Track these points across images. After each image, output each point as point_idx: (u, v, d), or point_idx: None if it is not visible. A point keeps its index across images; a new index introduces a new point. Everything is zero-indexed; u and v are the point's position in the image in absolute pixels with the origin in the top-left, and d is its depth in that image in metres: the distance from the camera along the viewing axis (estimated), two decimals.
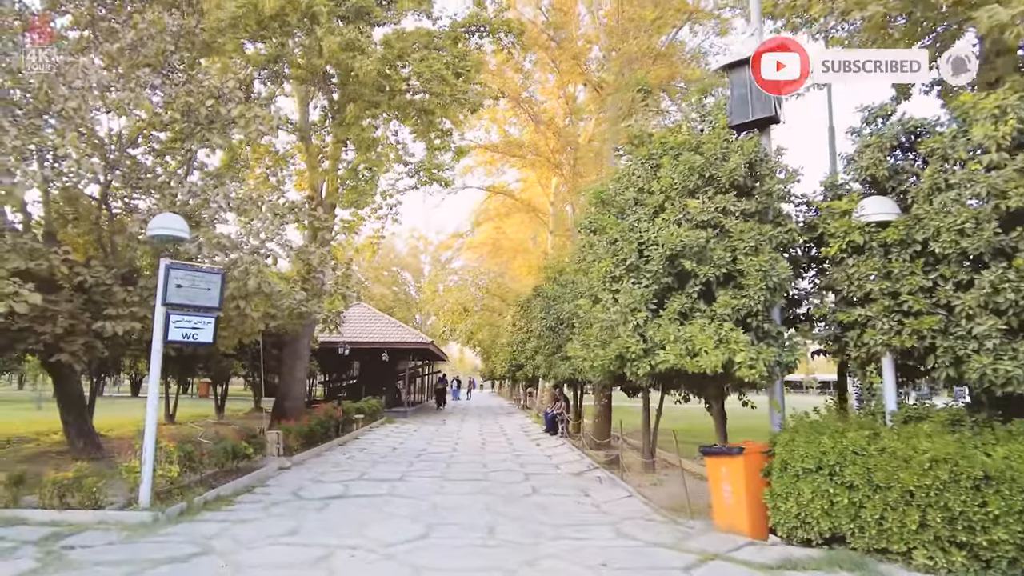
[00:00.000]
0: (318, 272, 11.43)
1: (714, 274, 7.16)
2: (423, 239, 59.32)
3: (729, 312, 6.92)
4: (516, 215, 31.56)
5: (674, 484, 11.42)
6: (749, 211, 7.66)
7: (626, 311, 7.30)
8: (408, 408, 29.14)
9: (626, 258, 7.71)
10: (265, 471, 11.33)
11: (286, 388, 17.87)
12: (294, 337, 17.84)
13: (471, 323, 39.84)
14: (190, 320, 8.31)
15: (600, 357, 7.56)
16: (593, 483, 11.08)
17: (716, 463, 7.67)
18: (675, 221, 7.65)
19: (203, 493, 8.63)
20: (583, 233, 8.77)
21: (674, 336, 6.83)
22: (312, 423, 15.05)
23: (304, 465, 12.73)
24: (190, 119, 8.90)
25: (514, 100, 23.65)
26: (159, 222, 8.18)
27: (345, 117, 14.18)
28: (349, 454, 14.59)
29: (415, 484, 10.65)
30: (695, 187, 7.94)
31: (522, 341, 20.85)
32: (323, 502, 9.07)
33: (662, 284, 7.45)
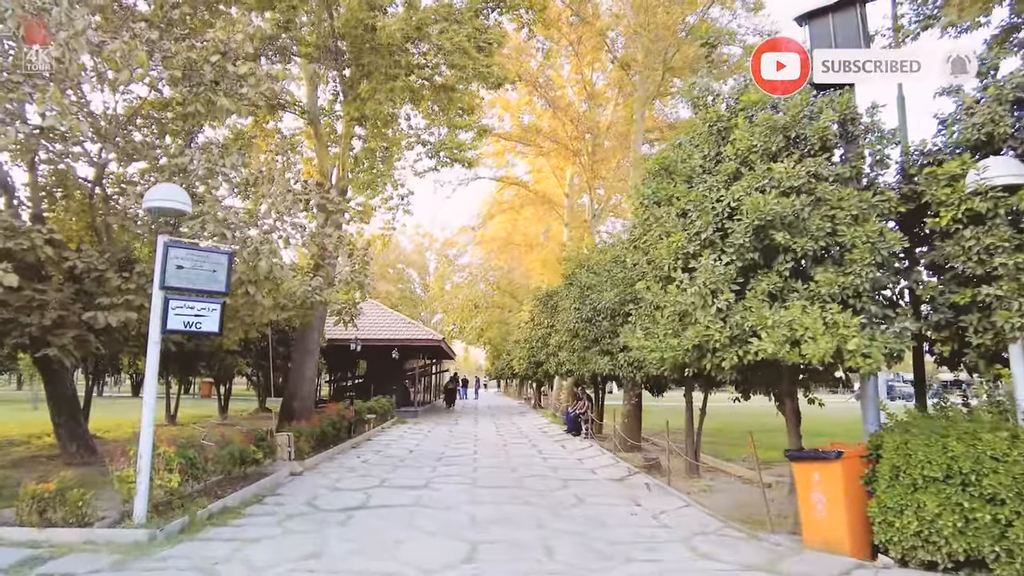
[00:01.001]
0: (332, 258, 10.35)
1: (811, 248, 6.05)
2: (428, 236, 58.28)
3: (835, 291, 5.82)
4: (529, 208, 30.46)
5: (727, 490, 10.36)
6: (843, 176, 6.57)
7: (706, 293, 6.20)
8: (418, 408, 28.07)
9: (700, 231, 6.61)
10: (276, 478, 10.25)
11: (295, 387, 16.78)
12: (303, 332, 16.77)
13: (481, 320, 38.73)
14: (192, 307, 7.22)
15: (672, 347, 6.46)
16: (640, 490, 9.98)
17: (806, 469, 6.57)
18: (757, 188, 6.56)
19: (207, 505, 7.54)
20: (641, 207, 7.67)
21: (772, 320, 5.72)
22: (324, 424, 13.96)
23: (317, 470, 11.65)
24: (192, 79, 7.81)
25: (531, 85, 22.55)
26: (157, 193, 7.09)
27: (359, 92, 13.10)
28: (364, 457, 13.51)
29: (444, 492, 9.56)
30: (778, 150, 6.85)
31: (543, 337, 19.74)
32: (344, 514, 7.98)
33: (746, 261, 6.36)
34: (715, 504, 9.04)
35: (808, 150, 6.77)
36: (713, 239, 6.60)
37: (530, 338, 22.08)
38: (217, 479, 9.13)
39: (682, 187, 7.12)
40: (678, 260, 6.63)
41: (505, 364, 35.89)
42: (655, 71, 16.00)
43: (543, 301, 20.44)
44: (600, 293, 11.58)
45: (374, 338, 25.32)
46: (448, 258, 45.46)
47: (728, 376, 6.46)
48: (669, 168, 7.49)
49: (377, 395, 24.41)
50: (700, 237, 6.63)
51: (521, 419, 26.22)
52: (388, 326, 26.61)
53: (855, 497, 6.26)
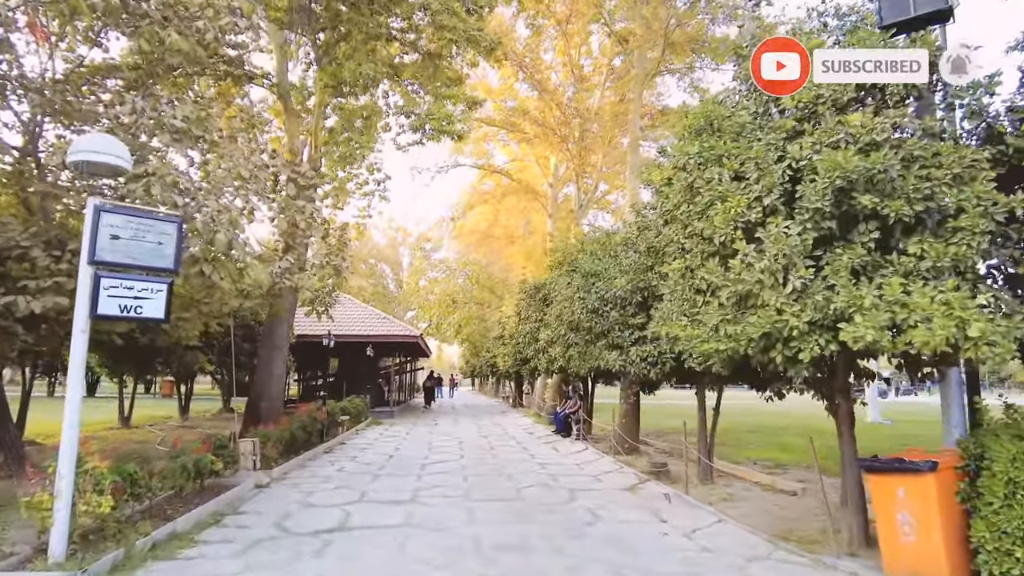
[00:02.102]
0: (304, 237, 8.96)
1: (907, 213, 4.91)
2: (402, 230, 56.67)
3: (946, 265, 4.68)
4: (510, 198, 29.17)
5: (750, 498, 9.27)
6: (931, 130, 5.46)
7: (777, 268, 5.02)
8: (394, 408, 26.60)
9: (761, 195, 5.44)
10: (239, 491, 8.83)
11: (262, 386, 15.24)
12: (271, 324, 15.26)
13: (459, 316, 37.30)
14: (132, 287, 5.79)
15: (731, 337, 5.27)
16: (659, 502, 8.81)
17: (888, 483, 5.46)
18: (828, 144, 5.41)
19: (151, 531, 6.13)
20: (679, 172, 6.46)
21: (869, 301, 4.56)
22: (294, 427, 12.52)
23: (287, 481, 10.24)
24: (136, 13, 6.36)
25: (516, 65, 21.27)
26: (86, 144, 5.65)
27: (336, 56, 11.66)
28: (339, 464, 12.11)
29: (435, 509, 8.26)
30: (848, 101, 5.73)
31: (531, 332, 18.49)
32: (320, 539, 6.63)
33: (822, 230, 5.20)
34: (746, 516, 7.92)
35: (885, 100, 5.66)
36: (777, 205, 5.44)
37: (516, 333, 20.81)
38: (167, 495, 7.70)
39: (732, 144, 5.94)
40: (736, 230, 5.43)
41: (485, 362, 34.57)
42: (655, 46, 14.90)
43: (531, 294, 19.20)
44: (608, 281, 10.39)
45: (347, 334, 23.79)
46: (424, 251, 43.93)
47: (799, 371, 5.28)
48: (714, 123, 6.30)
49: (350, 394, 22.92)
50: (762, 203, 5.45)
51: (503, 419, 24.94)
52: (362, 321, 25.09)
53: (952, 518, 5.16)
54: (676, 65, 21.70)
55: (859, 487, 6.71)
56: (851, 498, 6.75)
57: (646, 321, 9.73)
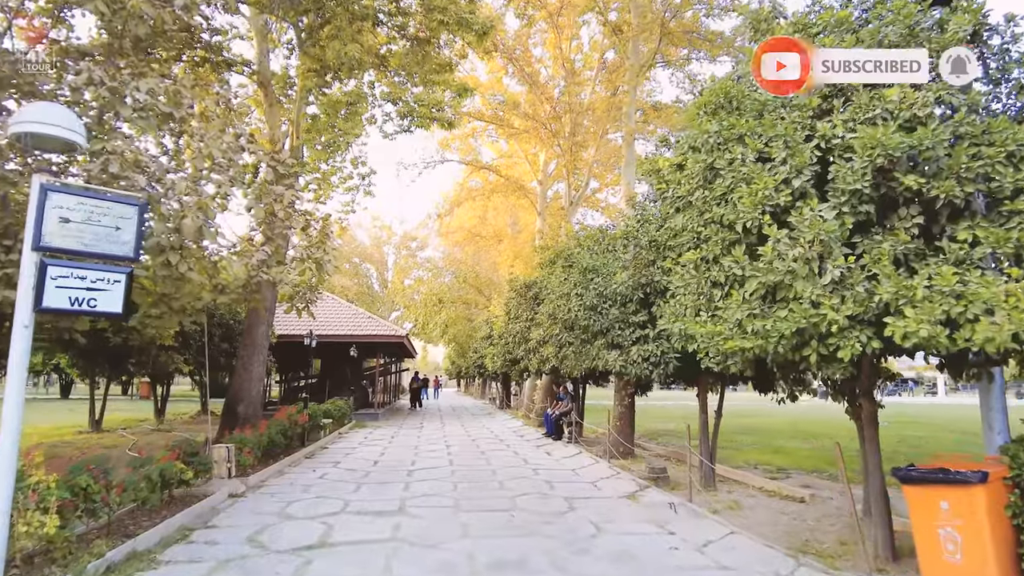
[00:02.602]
0: (284, 227, 8.30)
1: (958, 195, 4.40)
2: (387, 229, 55.79)
3: (1008, 251, 4.17)
4: (498, 196, 28.53)
5: (756, 506, 8.77)
6: (976, 105, 4.97)
7: (812, 256, 4.48)
8: (378, 410, 25.87)
9: (790, 177, 4.90)
10: (211, 502, 8.16)
11: (240, 387, 14.51)
12: (251, 323, 14.55)
13: (445, 316, 36.56)
14: (84, 277, 5.12)
15: (760, 334, 4.72)
16: (663, 511, 8.26)
17: (929, 496, 4.94)
18: (863, 121, 4.90)
19: (106, 551, 5.46)
20: (694, 154, 5.91)
21: (920, 292, 4.03)
22: (272, 432, 11.84)
23: (264, 489, 9.57)
24: None
25: (506, 57, 20.68)
26: (30, 114, 4.97)
27: (319, 39, 10.99)
28: (321, 471, 11.44)
29: (425, 520, 7.65)
30: None
31: (521, 331, 17.89)
32: (299, 558, 6.00)
33: (858, 215, 4.67)
34: (758, 526, 7.42)
35: None
36: (807, 188, 4.91)
37: (505, 333, 20.20)
38: (129, 509, 7.03)
39: (755, 123, 5.40)
40: (764, 215, 4.89)
41: (472, 362, 33.89)
42: (651, 36, 14.41)
43: (521, 292, 18.60)
44: (607, 276, 9.83)
45: (330, 334, 23.06)
46: (410, 249, 43.12)
47: (832, 372, 4.75)
48: (733, 100, 5.76)
49: (333, 396, 22.20)
50: (790, 185, 4.91)
51: (491, 421, 24.32)
52: (346, 321, 24.35)
53: (1003, 535, 4.65)
54: (672, 56, 21.29)
55: (884, 497, 6.22)
56: (876, 508, 6.25)
57: (648, 319, 9.19)
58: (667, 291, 8.95)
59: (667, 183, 7.04)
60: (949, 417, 25.04)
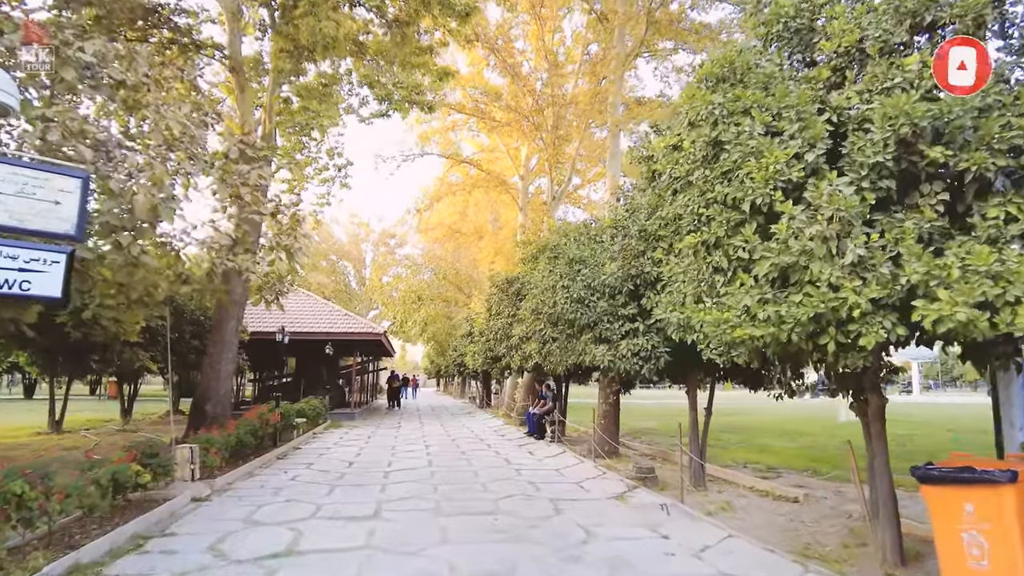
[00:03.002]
0: (252, 211, 7.72)
1: (991, 168, 4.02)
2: (365, 226, 54.87)
3: None
4: (479, 191, 28.01)
5: (748, 507, 8.41)
6: (1003, 75, 4.61)
7: (830, 235, 4.07)
8: (355, 410, 25.20)
9: (802, 151, 4.50)
10: (171, 506, 7.57)
11: (208, 386, 13.84)
12: (220, 318, 13.91)
13: (424, 314, 35.91)
14: (15, 256, 4.54)
15: (773, 321, 4.30)
16: (654, 513, 7.85)
17: (951, 497, 4.56)
18: (881, 91, 4.52)
19: (43, 566, 4.88)
20: (691, 130, 5.48)
21: (956, 273, 3.64)
22: (241, 432, 11.22)
23: (231, 492, 8.98)
24: None
25: (488, 49, 20.18)
26: None
27: (294, 16, 10.39)
28: (293, 472, 10.86)
29: (401, 525, 7.14)
30: (900, 43, 4.84)
31: (503, 328, 17.41)
32: (262, 568, 5.46)
33: (879, 191, 4.28)
34: (755, 529, 7.04)
35: (944, 40, 4.78)
36: (819, 163, 4.50)
37: (487, 330, 19.70)
38: (77, 516, 6.42)
39: (761, 95, 4.99)
40: (776, 191, 4.47)
41: (452, 361, 33.30)
42: (638, 24, 14.06)
43: (502, 288, 18.12)
44: (595, 267, 9.39)
45: (306, 331, 22.38)
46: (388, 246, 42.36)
47: (850, 361, 4.34)
48: (737, 71, 5.34)
49: (308, 395, 21.52)
50: (803, 160, 4.51)
51: (471, 420, 23.81)
52: (322, 317, 23.67)
53: None
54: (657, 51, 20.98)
55: (892, 497, 5.86)
56: (883, 510, 5.88)
57: (638, 312, 8.78)
58: (657, 282, 8.54)
59: (661, 166, 6.60)
60: (933, 415, 25.07)
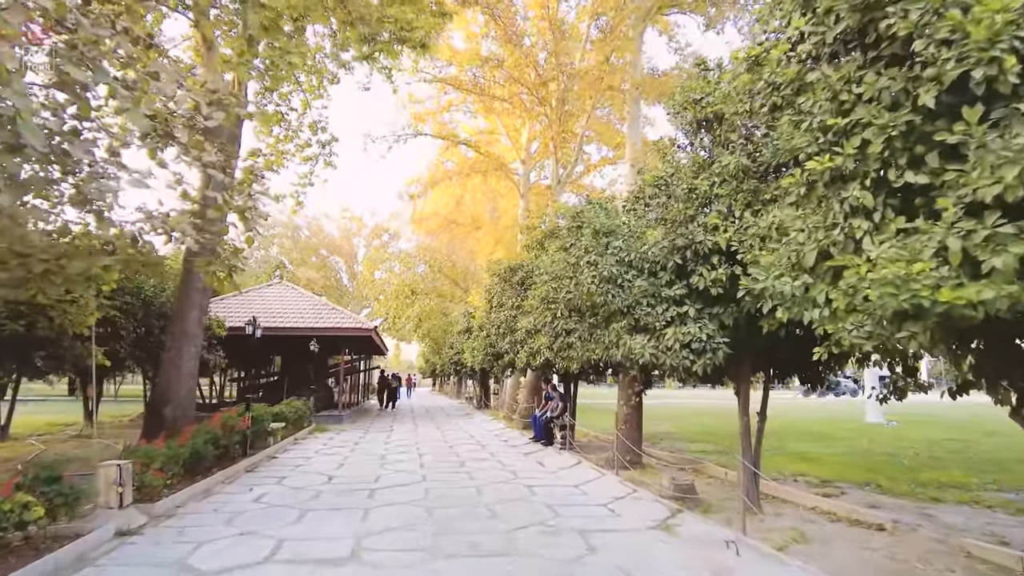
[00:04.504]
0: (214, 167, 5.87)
1: None
2: (357, 220, 52.94)
3: None
4: (476, 177, 26.11)
5: (829, 539, 6.61)
6: None
7: None
8: (344, 412, 23.31)
9: None
10: (80, 546, 5.71)
11: (167, 386, 11.95)
12: (181, 307, 12.07)
13: (419, 309, 33.98)
14: None
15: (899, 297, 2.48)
16: (716, 551, 6.04)
17: None
18: None
19: None
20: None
21: None
22: (198, 441, 9.36)
23: (173, 521, 7.12)
24: None
25: (488, 14, 18.32)
26: None
27: None
28: (260, 490, 9.01)
29: (386, 573, 5.30)
30: None
31: (507, 321, 15.57)
32: None
33: None
34: (848, 572, 5.27)
35: None
36: None
37: (487, 324, 17.84)
38: None
39: None
40: (1009, 53, 2.65)
41: (448, 359, 31.44)
42: None
43: (505, 277, 16.27)
44: (629, 240, 7.57)
45: (289, 326, 20.50)
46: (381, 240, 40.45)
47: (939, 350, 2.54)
48: None
49: (293, 396, 19.64)
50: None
51: (469, 423, 21.95)
52: (308, 312, 21.76)
53: None
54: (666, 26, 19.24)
55: None
56: None
57: (687, 293, 6.94)
58: (713, 254, 6.73)
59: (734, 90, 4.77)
60: (951, 417, 23.43)
